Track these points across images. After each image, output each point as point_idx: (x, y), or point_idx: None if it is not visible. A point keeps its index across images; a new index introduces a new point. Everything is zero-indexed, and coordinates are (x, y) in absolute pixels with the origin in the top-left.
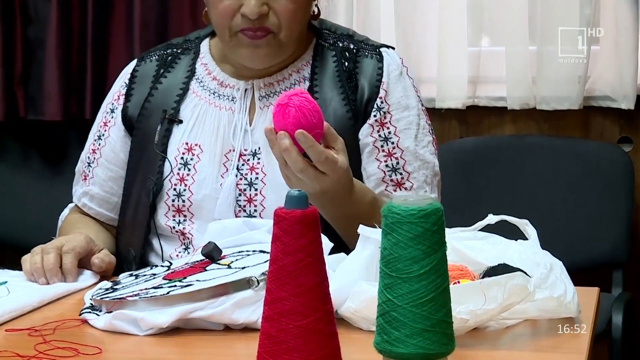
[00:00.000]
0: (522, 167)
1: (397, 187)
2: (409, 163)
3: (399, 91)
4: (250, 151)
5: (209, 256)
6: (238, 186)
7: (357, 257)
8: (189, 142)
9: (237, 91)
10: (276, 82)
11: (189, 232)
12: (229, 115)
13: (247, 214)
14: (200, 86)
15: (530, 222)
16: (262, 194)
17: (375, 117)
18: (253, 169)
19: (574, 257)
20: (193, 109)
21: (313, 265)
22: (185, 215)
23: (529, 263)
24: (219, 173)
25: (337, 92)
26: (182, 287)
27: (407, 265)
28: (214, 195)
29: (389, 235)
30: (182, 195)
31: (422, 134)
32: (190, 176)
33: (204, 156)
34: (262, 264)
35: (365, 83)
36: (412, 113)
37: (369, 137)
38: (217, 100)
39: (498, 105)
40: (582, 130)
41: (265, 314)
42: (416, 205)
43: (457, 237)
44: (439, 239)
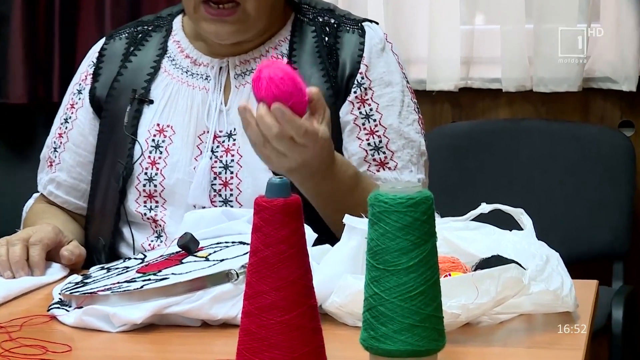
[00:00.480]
0: (517, 153)
1: (380, 167)
2: (392, 141)
3: (381, 66)
4: (226, 132)
5: (185, 248)
6: (213, 169)
7: (342, 248)
8: (161, 123)
9: (211, 69)
10: (252, 59)
11: (161, 219)
12: (202, 95)
13: (223, 198)
14: (173, 65)
15: (526, 211)
16: (238, 177)
17: (356, 93)
18: (228, 151)
19: (571, 248)
20: (165, 89)
21: (296, 257)
22: (157, 201)
23: (524, 254)
24: (193, 156)
25: (317, 68)
26: (156, 280)
27: (395, 257)
28: (188, 179)
29: (376, 225)
30: (154, 180)
31: (407, 112)
32: (162, 159)
33: (177, 138)
34: (242, 256)
35: (346, 59)
36: (396, 89)
37: (349, 115)
38: (190, 79)
39: (492, 87)
40: (581, 114)
41: (245, 309)
42: (404, 193)
43: (448, 227)
44: (429, 229)
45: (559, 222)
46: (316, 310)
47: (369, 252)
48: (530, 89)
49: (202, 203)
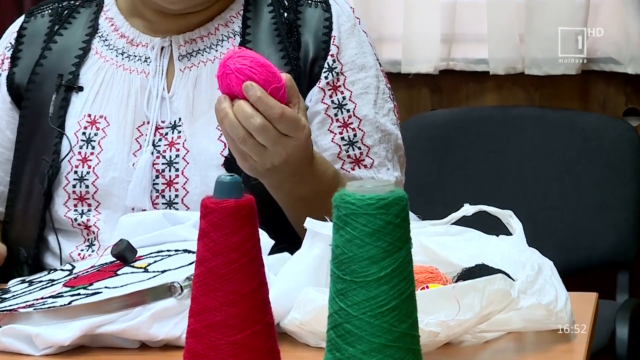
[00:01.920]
0: (507, 146)
1: (355, 165)
2: (368, 135)
3: (353, 47)
4: (169, 123)
5: (120, 257)
6: (155, 166)
7: (303, 257)
8: (93, 113)
9: (151, 50)
10: (199, 38)
11: (94, 225)
12: (141, 80)
13: (167, 200)
14: (105, 45)
15: (516, 213)
16: (184, 175)
17: (327, 79)
18: (172, 144)
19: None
20: (96, 73)
21: (249, 268)
22: (90, 204)
23: (513, 263)
24: (131, 151)
25: (275, 49)
26: (87, 295)
27: (364, 267)
28: (125, 178)
29: (342, 230)
30: (85, 180)
31: (382, 100)
32: (95, 155)
33: (112, 130)
34: (187, 266)
35: (309, 38)
36: (370, 74)
37: (320, 104)
38: (127, 62)
39: (478, 69)
40: (580, 101)
41: (191, 328)
42: (374, 193)
43: (426, 232)
44: (403, 234)
45: (554, 225)
46: (273, 328)
47: (333, 261)
48: (521, 71)
49: (143, 205)
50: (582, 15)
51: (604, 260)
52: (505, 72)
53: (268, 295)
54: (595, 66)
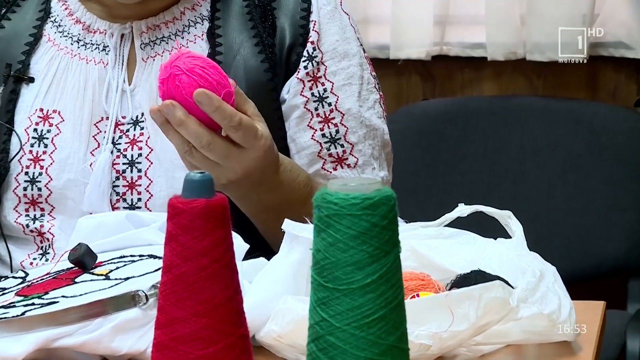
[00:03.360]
0: (506, 140)
1: (337, 164)
2: (352, 131)
3: (334, 33)
4: (130, 119)
5: (79, 263)
6: (115, 167)
7: (281, 263)
8: (45, 107)
9: (110, 38)
10: (163, 24)
11: (49, 232)
12: (99, 71)
13: (128, 204)
14: (59, 32)
15: (516, 214)
16: (147, 176)
17: (307, 69)
18: (134, 142)
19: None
20: (49, 63)
21: (221, 275)
22: (43, 208)
23: (512, 269)
24: (88, 150)
25: (248, 35)
26: (42, 305)
27: (347, 273)
28: (82, 180)
29: (324, 233)
30: (38, 182)
31: (367, 91)
32: (48, 155)
33: (66, 127)
34: (152, 273)
35: (285, 22)
36: (353, 62)
37: (299, 97)
38: (83, 51)
39: (475, 54)
40: (587, 89)
41: (158, 341)
42: (359, 191)
43: (417, 234)
44: (391, 237)
45: (559, 228)
46: (248, 341)
47: (314, 267)
48: (523, 57)
49: (101, 210)
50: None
51: (614, 267)
52: (505, 57)
53: (242, 304)
54: (604, 51)
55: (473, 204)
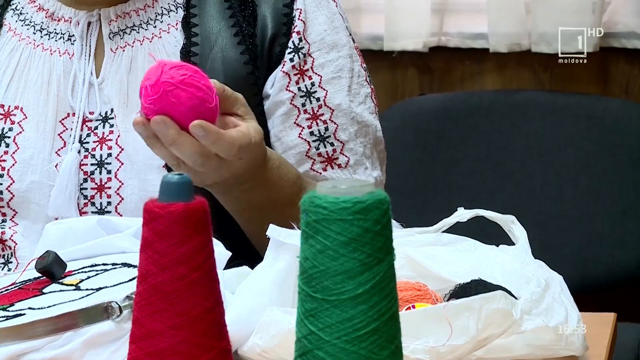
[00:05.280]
0: (510, 138)
1: (327, 164)
2: (342, 128)
3: (322, 22)
4: (99, 115)
5: (46, 272)
6: (82, 168)
7: (266, 272)
8: (6, 104)
9: (75, 26)
10: (134, 11)
11: (11, 239)
12: (65, 63)
13: (97, 208)
14: (20, 20)
15: (520, 219)
16: (118, 178)
17: (293, 62)
18: (104, 141)
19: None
20: (10, 55)
21: (201, 284)
22: (5, 213)
23: (516, 278)
24: (53, 149)
25: (227, 24)
26: (7, 318)
27: (337, 283)
28: (47, 183)
29: (312, 240)
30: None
31: (358, 85)
32: (10, 155)
33: (29, 124)
34: (127, 283)
35: (267, 10)
36: (342, 54)
37: (285, 92)
38: (47, 41)
39: (476, 46)
40: (598, 83)
41: (133, 356)
42: (350, 194)
43: (412, 241)
44: (385, 243)
45: (567, 234)
46: (230, 356)
47: (302, 276)
48: (528, 48)
49: (68, 215)
50: None
51: (626, 276)
52: (508, 49)
53: (224, 317)
54: (615, 42)
55: (474, 208)
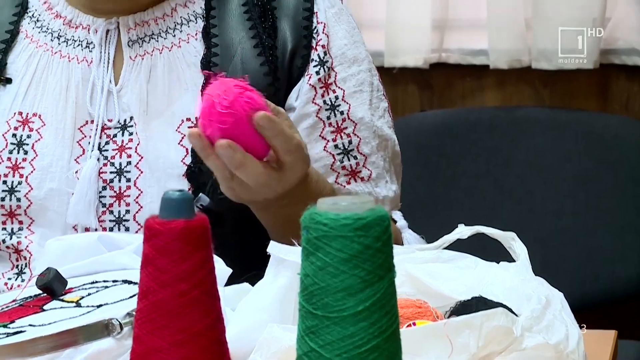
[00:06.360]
0: (510, 154)
1: (351, 177)
2: (364, 141)
3: (342, 36)
4: (117, 122)
5: (47, 289)
6: (101, 175)
7: (266, 289)
8: (24, 111)
9: (94, 34)
10: (153, 20)
11: (27, 249)
12: (83, 70)
13: (115, 216)
14: (37, 27)
15: (520, 236)
16: (137, 186)
17: (319, 74)
18: (123, 149)
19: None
20: (28, 62)
21: (202, 301)
22: (22, 221)
23: (516, 295)
24: (72, 157)
25: (247, 36)
26: (8, 335)
27: (338, 300)
28: (66, 190)
29: (312, 256)
30: (17, 191)
31: (377, 99)
32: (28, 162)
33: (48, 132)
34: (127, 300)
35: (286, 23)
36: (363, 68)
37: (311, 105)
38: (65, 48)
39: (476, 62)
40: (598, 99)
41: None
42: (351, 211)
43: (413, 258)
44: (385, 260)
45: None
46: None
47: (302, 293)
48: (528, 65)
49: (87, 223)
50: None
51: (627, 293)
52: (509, 65)
53: (225, 334)
54: (616, 59)
55: (474, 224)
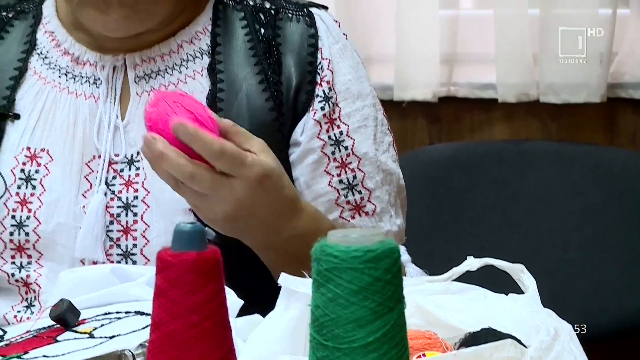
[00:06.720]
0: (518, 188)
1: (355, 212)
2: (369, 176)
3: (347, 72)
4: (124, 157)
5: (61, 321)
6: (109, 210)
7: (277, 319)
8: (32, 146)
9: (101, 70)
10: (159, 57)
11: (36, 282)
12: (90, 106)
13: (123, 250)
14: (46, 64)
15: (529, 268)
16: (144, 221)
17: (324, 110)
18: (130, 184)
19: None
20: (36, 98)
21: (213, 333)
22: (30, 255)
23: (525, 327)
24: (79, 191)
25: (252, 71)
26: None
27: (348, 331)
28: (74, 224)
29: (323, 288)
30: (25, 226)
31: (381, 133)
32: (37, 197)
33: (56, 167)
34: (140, 331)
35: (291, 59)
36: (367, 103)
37: (316, 140)
38: (72, 84)
39: (484, 96)
40: (605, 133)
41: None
42: (361, 243)
43: (423, 289)
44: (395, 292)
45: (575, 283)
46: None
47: (313, 324)
48: (536, 98)
49: (94, 257)
50: (607, 30)
51: (635, 326)
52: (517, 99)
53: None
54: (623, 92)
55: (482, 255)
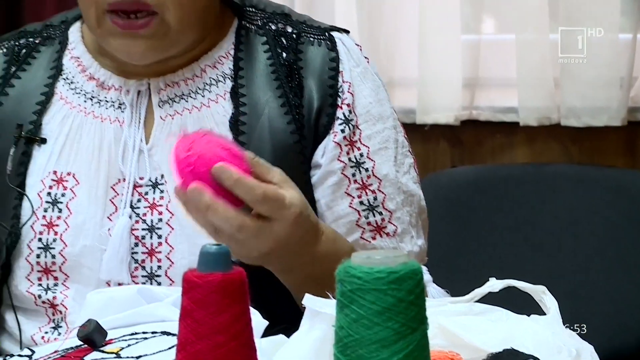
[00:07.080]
0: (540, 210)
1: (376, 233)
2: (390, 198)
3: (367, 95)
4: (149, 180)
5: (88, 341)
6: (134, 232)
7: (302, 340)
8: (59, 170)
9: (126, 95)
10: (183, 81)
11: (62, 303)
12: (115, 130)
13: (147, 272)
14: (71, 89)
15: (550, 289)
16: (168, 243)
17: (344, 133)
18: (154, 207)
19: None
20: (62, 122)
21: (239, 353)
22: (57, 277)
23: (547, 348)
24: (105, 214)
25: (274, 95)
26: None
27: (372, 351)
28: (99, 247)
29: (347, 309)
30: (51, 249)
31: (402, 155)
32: (63, 220)
33: (82, 190)
34: (166, 351)
35: (313, 82)
36: (388, 125)
37: (336, 162)
38: (97, 109)
39: (506, 119)
40: (626, 156)
41: None
42: (384, 265)
43: (445, 311)
44: (418, 313)
45: (597, 303)
46: None
47: (337, 344)
48: (557, 122)
49: (120, 279)
50: (627, 56)
51: None
52: (538, 122)
53: None
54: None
55: (504, 277)
